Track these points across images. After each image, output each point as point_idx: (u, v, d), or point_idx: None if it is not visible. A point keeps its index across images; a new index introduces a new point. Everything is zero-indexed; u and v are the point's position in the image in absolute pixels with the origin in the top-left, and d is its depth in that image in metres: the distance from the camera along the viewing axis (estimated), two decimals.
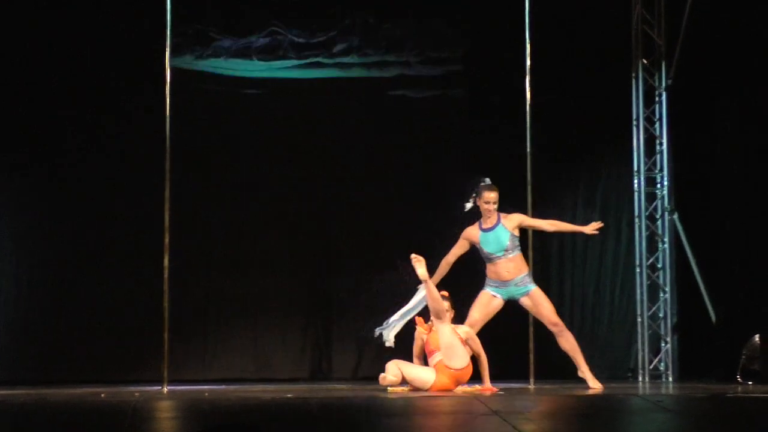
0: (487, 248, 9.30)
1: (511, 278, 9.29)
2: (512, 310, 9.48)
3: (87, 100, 10.89)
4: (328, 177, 11.31)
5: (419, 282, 9.20)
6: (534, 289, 9.35)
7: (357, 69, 11.35)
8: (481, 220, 9.38)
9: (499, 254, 9.28)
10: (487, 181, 9.41)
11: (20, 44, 10.78)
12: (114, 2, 10.84)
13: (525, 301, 9.38)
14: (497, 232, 9.29)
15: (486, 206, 9.31)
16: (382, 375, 9.09)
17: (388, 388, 8.99)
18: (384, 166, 11.35)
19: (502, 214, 9.37)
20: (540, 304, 9.34)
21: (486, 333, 9.34)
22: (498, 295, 9.34)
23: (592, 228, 9.42)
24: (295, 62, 11.21)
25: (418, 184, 11.34)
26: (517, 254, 9.32)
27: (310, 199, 11.33)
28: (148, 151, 10.04)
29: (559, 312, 11.37)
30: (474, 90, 11.48)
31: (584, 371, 9.29)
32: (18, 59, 10.78)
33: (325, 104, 11.34)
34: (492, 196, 9.31)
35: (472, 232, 9.38)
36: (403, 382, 9.02)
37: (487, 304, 9.34)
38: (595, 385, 9.18)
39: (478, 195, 9.36)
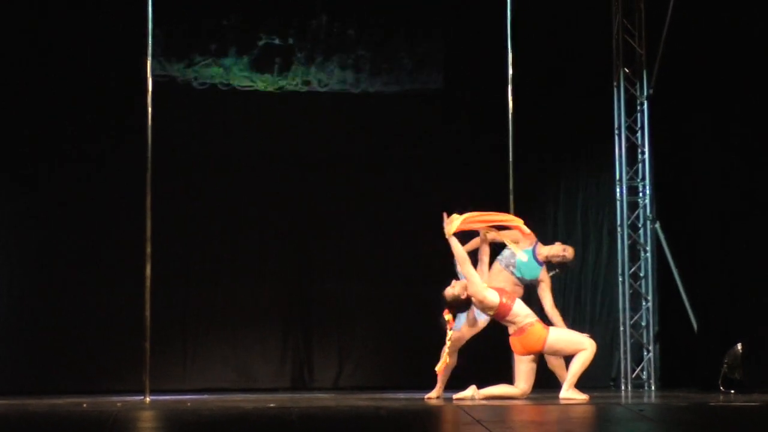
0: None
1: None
2: (494, 320, 9.47)
3: (67, 107, 10.85)
4: (307, 186, 11.29)
5: None
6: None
7: (334, 76, 11.36)
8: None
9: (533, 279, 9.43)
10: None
11: None
12: (93, 8, 10.82)
13: None
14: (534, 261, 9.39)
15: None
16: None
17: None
18: (362, 175, 11.33)
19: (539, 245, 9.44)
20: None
21: (469, 340, 9.33)
22: None
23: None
24: (273, 72, 11.23)
25: (397, 193, 11.33)
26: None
27: (290, 209, 11.31)
28: (129, 161, 10.02)
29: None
30: (455, 98, 11.48)
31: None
32: None
33: (303, 112, 11.33)
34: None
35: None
36: None
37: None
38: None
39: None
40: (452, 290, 8.83)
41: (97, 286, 10.81)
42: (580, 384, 9.24)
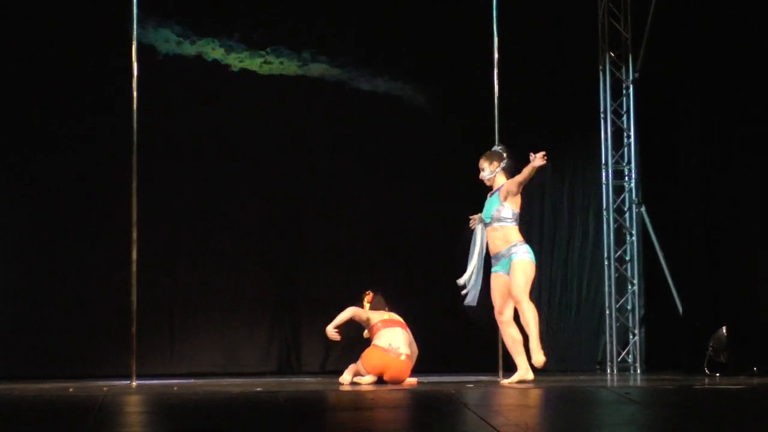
0: (482, 212, 9.07)
1: (497, 250, 8.93)
2: (480, 303, 9.48)
3: (51, 89, 10.78)
4: (297, 171, 11.29)
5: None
6: (516, 259, 8.87)
7: (325, 65, 11.35)
8: None
9: (487, 220, 9.01)
10: (495, 148, 9.14)
11: None
12: None
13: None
14: (491, 199, 9.04)
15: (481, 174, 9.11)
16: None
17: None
18: (353, 162, 11.33)
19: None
20: (512, 276, 8.84)
21: (455, 326, 9.36)
22: (499, 272, 8.96)
23: (540, 157, 8.75)
24: (269, 56, 11.20)
25: (387, 180, 11.33)
26: (505, 225, 8.90)
27: (278, 194, 11.30)
28: (115, 145, 10.00)
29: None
30: (441, 83, 11.47)
31: (532, 344, 8.82)
32: None
33: (295, 99, 11.32)
34: (480, 163, 9.10)
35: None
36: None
37: (495, 285, 9.01)
38: (538, 358, 8.79)
39: None
40: None
41: (84, 270, 10.79)
42: (566, 366, 9.29)
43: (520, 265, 8.84)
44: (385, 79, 11.42)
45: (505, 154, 9.07)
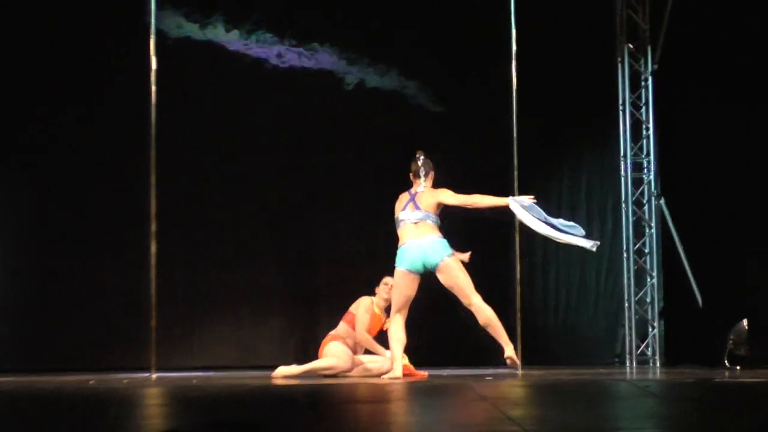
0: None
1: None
2: (498, 296, 9.48)
3: (70, 81, 10.79)
4: (314, 167, 11.28)
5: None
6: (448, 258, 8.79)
7: (345, 59, 11.35)
8: None
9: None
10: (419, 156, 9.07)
11: None
12: None
13: (440, 276, 8.83)
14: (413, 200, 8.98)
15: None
16: None
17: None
18: (372, 155, 11.31)
19: (429, 189, 8.98)
20: (455, 275, 8.75)
21: (474, 318, 9.32)
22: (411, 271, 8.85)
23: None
24: (290, 48, 11.20)
25: (404, 174, 11.30)
26: (427, 222, 8.86)
27: (296, 189, 11.30)
28: (134, 138, 10.00)
29: (546, 297, 11.41)
30: (459, 75, 11.45)
31: (504, 344, 8.81)
32: None
33: (315, 94, 11.29)
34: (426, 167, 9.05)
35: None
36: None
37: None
38: (510, 353, 8.80)
39: None
40: None
41: (103, 264, 10.82)
42: (584, 359, 9.27)
43: (456, 263, 8.83)
44: (397, 73, 11.38)
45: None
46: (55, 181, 10.86)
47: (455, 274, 8.78)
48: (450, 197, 8.87)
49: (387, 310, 9.39)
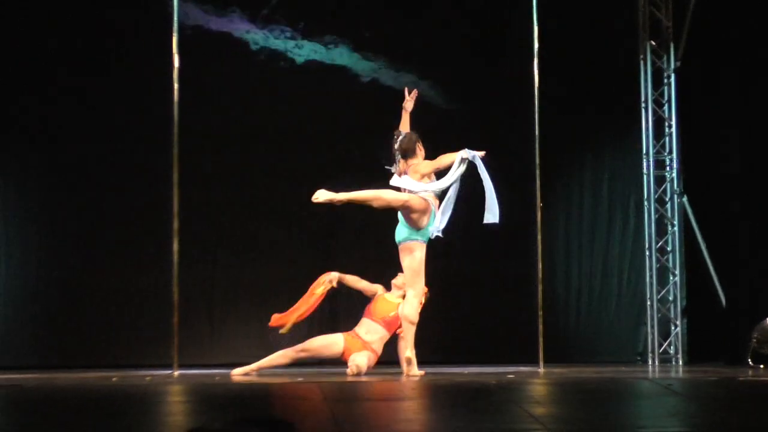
0: None
1: None
2: (520, 293, 9.46)
3: (92, 78, 10.81)
4: (335, 162, 11.26)
5: None
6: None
7: (366, 57, 11.34)
8: None
9: None
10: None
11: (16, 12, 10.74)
12: None
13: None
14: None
15: None
16: None
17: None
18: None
19: (414, 166, 9.09)
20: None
21: (495, 316, 9.34)
22: None
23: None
24: (314, 44, 11.21)
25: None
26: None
27: (317, 185, 11.28)
28: (157, 135, 10.01)
29: (567, 294, 11.36)
30: (481, 74, 11.42)
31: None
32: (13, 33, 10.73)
33: (335, 90, 11.28)
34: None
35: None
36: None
37: None
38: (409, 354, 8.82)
39: None
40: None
41: (126, 262, 10.83)
42: (606, 357, 9.23)
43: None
44: (428, 70, 11.36)
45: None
46: (77, 177, 10.88)
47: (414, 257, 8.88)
48: (426, 166, 8.97)
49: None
